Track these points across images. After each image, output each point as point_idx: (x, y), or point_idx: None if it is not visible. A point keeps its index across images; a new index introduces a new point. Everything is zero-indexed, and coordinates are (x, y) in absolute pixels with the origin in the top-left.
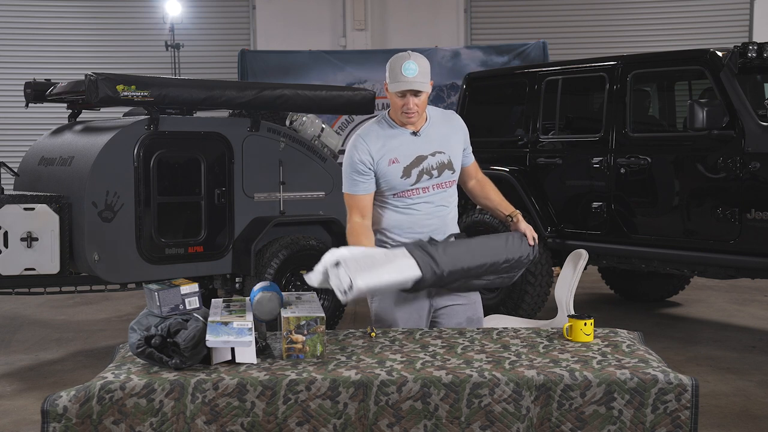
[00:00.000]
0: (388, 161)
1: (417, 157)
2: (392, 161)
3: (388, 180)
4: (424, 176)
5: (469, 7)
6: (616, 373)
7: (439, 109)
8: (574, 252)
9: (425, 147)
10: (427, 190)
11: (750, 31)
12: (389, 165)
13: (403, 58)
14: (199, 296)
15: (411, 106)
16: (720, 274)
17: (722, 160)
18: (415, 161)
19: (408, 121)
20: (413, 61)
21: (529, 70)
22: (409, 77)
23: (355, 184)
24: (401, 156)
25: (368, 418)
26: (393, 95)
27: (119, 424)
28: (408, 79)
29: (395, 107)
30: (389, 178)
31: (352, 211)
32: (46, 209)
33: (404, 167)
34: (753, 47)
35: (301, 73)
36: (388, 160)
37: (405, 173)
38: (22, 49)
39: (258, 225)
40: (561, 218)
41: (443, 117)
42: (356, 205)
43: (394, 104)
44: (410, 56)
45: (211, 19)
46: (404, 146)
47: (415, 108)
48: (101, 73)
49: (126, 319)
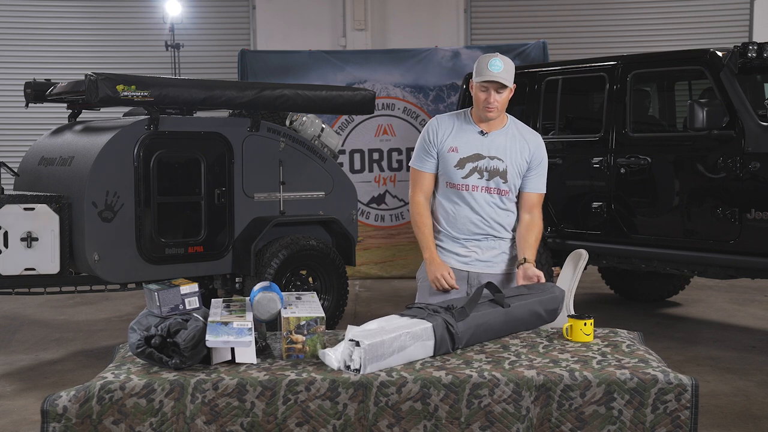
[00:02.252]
0: (448, 148)
1: (475, 153)
2: (452, 149)
3: (444, 165)
4: (475, 174)
5: (469, 7)
6: (616, 373)
7: (524, 125)
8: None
9: (486, 149)
10: (476, 189)
11: (750, 31)
12: (448, 152)
13: (491, 55)
14: (199, 296)
15: (492, 100)
16: (720, 274)
17: (722, 160)
18: (472, 157)
19: (488, 115)
20: (500, 59)
21: (529, 70)
22: (495, 72)
23: (421, 161)
24: (461, 147)
25: (368, 419)
26: (477, 89)
27: (119, 424)
28: (494, 73)
29: (477, 101)
30: (445, 163)
31: (416, 188)
32: (46, 209)
33: (460, 158)
34: (753, 47)
35: (301, 73)
36: (449, 146)
37: (459, 164)
38: (22, 49)
39: (258, 225)
40: (561, 218)
41: (521, 131)
42: (419, 182)
43: (477, 98)
44: (497, 55)
45: (211, 19)
46: (468, 141)
47: (495, 103)
48: (101, 73)
49: (126, 319)
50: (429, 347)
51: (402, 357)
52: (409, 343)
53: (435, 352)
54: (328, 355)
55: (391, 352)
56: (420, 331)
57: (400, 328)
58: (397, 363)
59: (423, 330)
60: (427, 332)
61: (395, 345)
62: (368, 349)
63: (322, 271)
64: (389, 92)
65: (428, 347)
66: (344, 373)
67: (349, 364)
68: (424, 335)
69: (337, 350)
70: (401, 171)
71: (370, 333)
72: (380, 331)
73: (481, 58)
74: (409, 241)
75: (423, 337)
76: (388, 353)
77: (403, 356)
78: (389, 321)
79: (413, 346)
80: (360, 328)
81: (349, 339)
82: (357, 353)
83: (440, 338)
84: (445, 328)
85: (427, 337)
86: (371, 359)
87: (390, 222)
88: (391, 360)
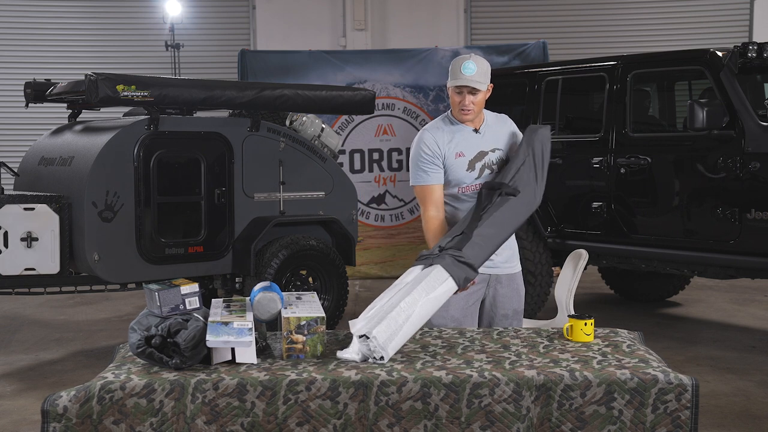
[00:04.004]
0: (455, 154)
1: (479, 152)
2: (458, 154)
3: (454, 171)
4: (486, 170)
5: (469, 7)
6: (616, 373)
7: (492, 113)
8: (574, 252)
9: (485, 143)
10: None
11: (750, 31)
12: (456, 158)
13: (464, 58)
14: (199, 296)
15: (467, 103)
16: (720, 274)
17: (722, 160)
18: (478, 156)
19: (464, 118)
20: (473, 61)
21: (529, 70)
22: (467, 75)
23: (426, 174)
24: (466, 150)
25: (368, 419)
26: (452, 92)
27: (119, 424)
28: (466, 77)
29: (453, 104)
30: (456, 169)
31: (427, 204)
32: (46, 209)
33: (469, 161)
34: (753, 47)
35: (301, 73)
36: (455, 153)
37: (470, 166)
38: (22, 49)
39: (258, 225)
40: (561, 218)
41: (497, 119)
42: (430, 197)
43: (453, 101)
44: (471, 57)
45: (211, 19)
46: (468, 141)
47: (471, 106)
48: (101, 73)
49: (126, 319)
50: (450, 285)
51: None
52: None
53: (460, 284)
54: (344, 355)
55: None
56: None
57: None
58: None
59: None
60: (441, 275)
61: (400, 318)
62: (377, 335)
63: (322, 271)
64: (389, 92)
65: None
66: (344, 373)
67: (374, 356)
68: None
69: (352, 348)
70: (401, 171)
71: (371, 320)
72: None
73: (455, 61)
74: (409, 241)
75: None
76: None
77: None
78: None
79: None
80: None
81: (357, 337)
82: (373, 344)
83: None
84: (453, 260)
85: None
86: (387, 340)
87: (390, 222)
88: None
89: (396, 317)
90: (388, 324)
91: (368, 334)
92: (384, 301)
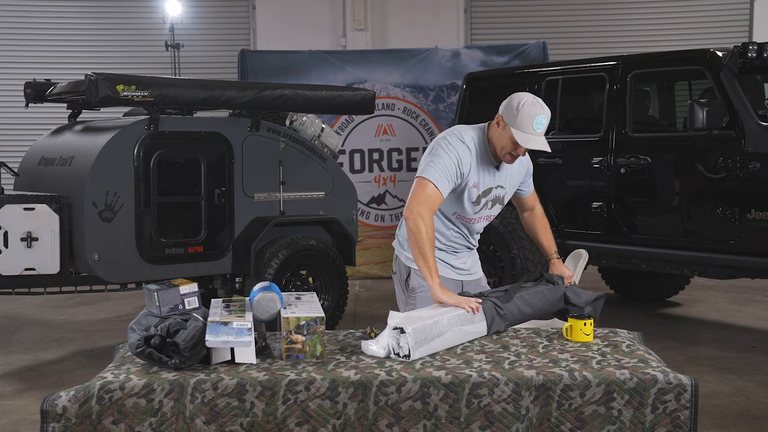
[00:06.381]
0: (472, 183)
1: (488, 188)
2: (474, 185)
3: (460, 197)
4: (486, 207)
5: (469, 7)
6: (616, 373)
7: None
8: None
9: (495, 180)
10: (482, 220)
11: (750, 31)
12: (472, 187)
13: (537, 110)
14: (198, 296)
15: (520, 154)
16: (720, 274)
17: (722, 160)
18: (486, 191)
19: (505, 161)
20: (545, 117)
21: (529, 70)
22: (539, 132)
23: (445, 183)
24: (480, 183)
25: (368, 419)
26: (509, 135)
27: (119, 424)
28: (537, 136)
29: (503, 145)
30: (464, 197)
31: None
32: (46, 209)
33: (478, 195)
34: (753, 47)
35: (301, 73)
36: (473, 182)
37: (477, 200)
38: (22, 49)
39: (258, 225)
40: (561, 218)
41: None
42: (434, 201)
43: (504, 143)
44: (543, 110)
45: (211, 19)
46: (486, 176)
47: (519, 155)
48: (101, 73)
49: (126, 319)
50: (482, 327)
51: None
52: (447, 328)
53: (489, 331)
54: (371, 347)
55: (433, 336)
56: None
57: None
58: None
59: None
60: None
61: (435, 330)
62: (413, 333)
63: (322, 271)
64: (389, 92)
65: (481, 327)
66: (344, 373)
67: (398, 351)
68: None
69: (380, 340)
70: (401, 171)
71: (411, 319)
72: (420, 318)
73: (529, 107)
74: None
75: (474, 319)
76: (431, 337)
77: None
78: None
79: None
80: (402, 315)
81: (393, 327)
82: (404, 340)
83: (491, 318)
84: (494, 308)
85: (479, 319)
86: (418, 343)
87: (390, 222)
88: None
89: (431, 328)
90: (424, 330)
91: (405, 329)
92: (427, 312)
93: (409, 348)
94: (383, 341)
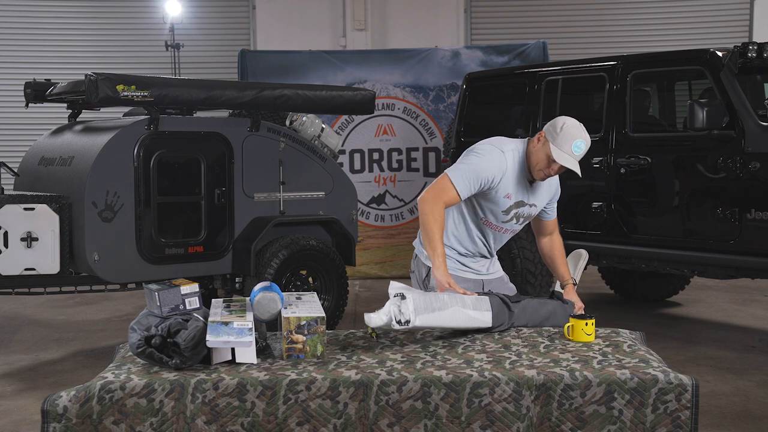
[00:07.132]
0: (505, 193)
1: (519, 201)
2: (508, 195)
3: (492, 206)
4: (513, 219)
5: (469, 7)
6: (617, 373)
7: None
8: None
9: (529, 196)
10: (507, 232)
11: (750, 31)
12: (504, 197)
13: (579, 133)
14: (199, 296)
15: (553, 172)
16: (720, 274)
17: (722, 160)
18: (517, 203)
19: (539, 178)
20: (585, 143)
21: (529, 70)
22: (576, 154)
23: (467, 186)
24: (514, 195)
25: (368, 418)
26: (547, 154)
27: (119, 424)
28: (575, 158)
29: (538, 160)
30: (496, 207)
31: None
32: (46, 209)
33: (509, 205)
34: (753, 47)
35: (301, 73)
36: (506, 192)
37: (507, 211)
38: (22, 49)
39: (258, 225)
40: (561, 218)
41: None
42: (450, 198)
43: (540, 158)
44: (584, 135)
45: (211, 19)
46: (519, 189)
47: (553, 174)
48: (101, 73)
49: (126, 319)
50: (487, 317)
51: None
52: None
53: (493, 323)
54: (373, 317)
55: (434, 308)
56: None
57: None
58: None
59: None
60: (483, 303)
61: (436, 303)
62: (415, 298)
63: (322, 271)
64: (389, 92)
65: (486, 317)
66: (345, 373)
67: (399, 318)
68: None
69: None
70: (401, 171)
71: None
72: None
73: (571, 129)
74: (409, 241)
75: (479, 307)
76: (432, 308)
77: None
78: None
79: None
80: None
81: (393, 295)
82: (405, 306)
83: (497, 310)
84: (502, 302)
85: (485, 308)
86: (418, 310)
87: (390, 222)
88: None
89: (434, 301)
90: (425, 301)
91: (405, 294)
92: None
93: (410, 313)
94: (385, 309)
